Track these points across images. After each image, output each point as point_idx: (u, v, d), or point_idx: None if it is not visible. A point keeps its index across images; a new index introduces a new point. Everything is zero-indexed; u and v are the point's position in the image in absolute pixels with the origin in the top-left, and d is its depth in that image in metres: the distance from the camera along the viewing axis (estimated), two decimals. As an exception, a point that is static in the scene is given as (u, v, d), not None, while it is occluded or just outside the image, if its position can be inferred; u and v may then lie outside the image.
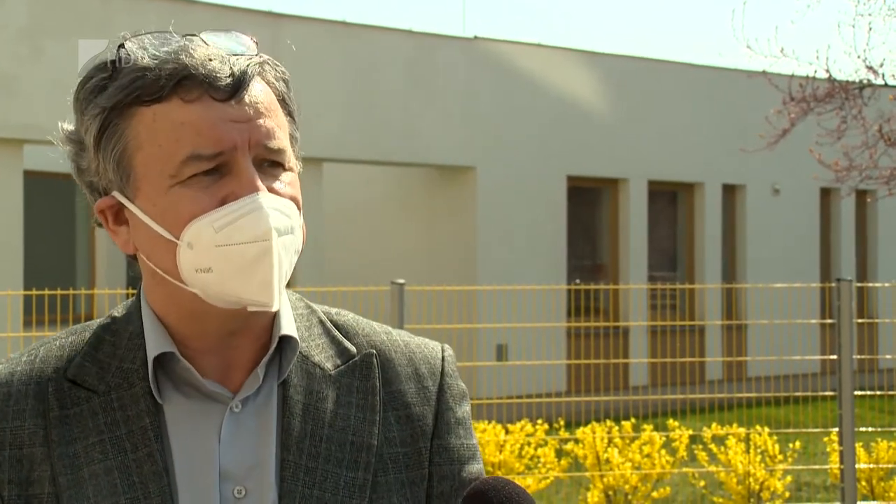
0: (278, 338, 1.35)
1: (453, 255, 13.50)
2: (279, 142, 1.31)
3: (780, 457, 7.23)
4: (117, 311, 1.40)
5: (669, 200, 15.64)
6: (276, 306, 1.29)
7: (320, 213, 12.20)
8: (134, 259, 1.37)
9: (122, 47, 1.30)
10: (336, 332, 1.43)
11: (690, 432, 7.33)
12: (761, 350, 10.13)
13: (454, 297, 10.25)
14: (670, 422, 7.64)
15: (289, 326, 1.37)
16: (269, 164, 1.31)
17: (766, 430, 7.32)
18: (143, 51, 1.28)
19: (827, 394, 8.05)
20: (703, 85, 15.30)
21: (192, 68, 1.26)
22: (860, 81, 10.43)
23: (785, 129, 10.90)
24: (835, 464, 7.06)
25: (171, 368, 1.34)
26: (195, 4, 11.88)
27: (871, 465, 7.19)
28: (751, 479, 7.12)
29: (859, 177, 10.81)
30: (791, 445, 7.41)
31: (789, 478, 7.44)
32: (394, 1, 44.32)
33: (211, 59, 1.27)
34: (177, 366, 1.33)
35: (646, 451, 7.12)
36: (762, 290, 12.18)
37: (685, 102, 15.15)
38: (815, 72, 10.50)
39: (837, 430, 6.84)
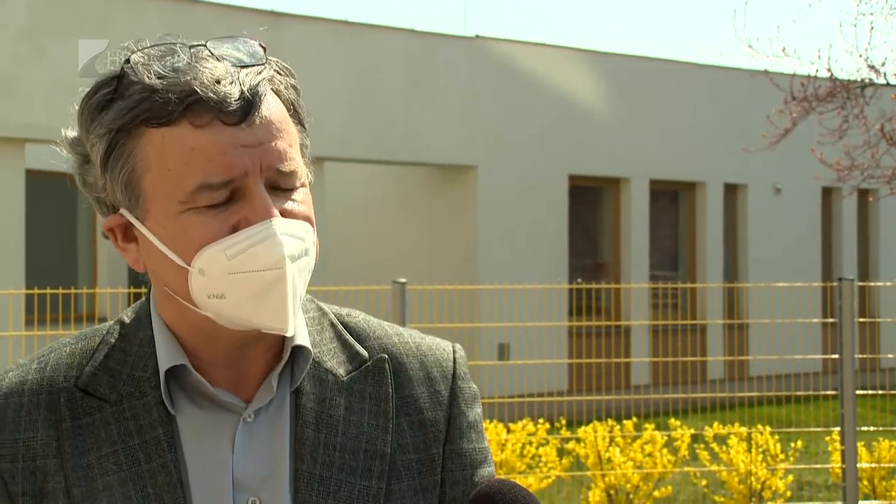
0: (291, 348, 1.34)
1: (455, 255, 13.50)
2: (291, 163, 1.28)
3: (781, 456, 7.23)
4: (127, 315, 1.39)
5: (671, 200, 15.63)
6: (291, 331, 1.28)
7: (323, 212, 12.20)
8: (145, 274, 1.35)
9: (127, 62, 1.26)
10: (348, 336, 1.42)
11: (692, 431, 7.33)
12: (763, 349, 10.12)
13: (456, 296, 10.25)
14: (672, 421, 7.63)
15: (302, 336, 1.35)
16: (282, 184, 1.28)
17: (768, 429, 7.32)
18: (149, 68, 1.25)
19: (828, 393, 8.05)
20: (704, 84, 15.29)
21: (202, 92, 1.23)
22: (862, 81, 10.42)
23: (787, 129, 10.89)
24: (836, 463, 7.06)
25: (182, 378, 1.33)
26: (197, 4, 11.88)
27: (873, 465, 7.18)
28: (752, 479, 7.12)
29: (861, 176, 10.81)
30: (793, 445, 7.41)
31: (791, 477, 7.44)
32: (395, 0, 44.33)
33: (219, 81, 1.24)
34: (189, 377, 1.32)
35: (647, 450, 7.12)
36: (764, 290, 12.18)
37: (687, 102, 15.14)
38: (817, 71, 10.50)
39: (839, 429, 6.84)
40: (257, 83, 1.26)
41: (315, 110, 1.41)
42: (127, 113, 1.26)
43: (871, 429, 8.15)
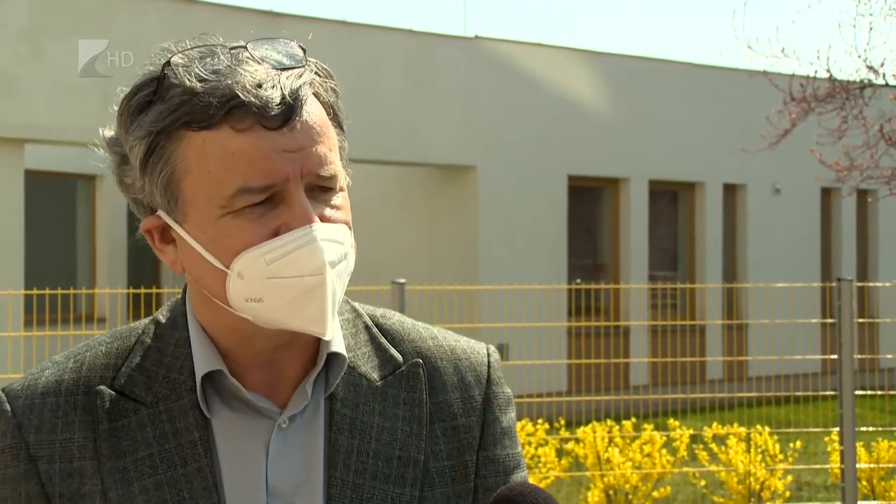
0: (326, 354, 1.34)
1: (454, 255, 13.50)
2: (331, 167, 1.28)
3: (780, 456, 7.23)
4: (162, 314, 1.39)
5: (670, 200, 15.64)
6: (330, 336, 1.28)
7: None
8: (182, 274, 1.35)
9: (168, 65, 1.25)
10: (382, 339, 1.41)
11: (691, 432, 7.33)
12: (762, 350, 10.12)
13: (455, 296, 10.25)
14: (671, 421, 7.63)
15: (337, 342, 1.35)
16: (321, 188, 1.28)
17: (767, 429, 7.32)
18: (190, 71, 1.24)
19: (828, 393, 8.05)
20: (704, 85, 15.30)
21: (243, 97, 1.22)
22: (861, 81, 10.43)
23: (786, 129, 10.90)
24: (835, 463, 7.06)
25: (218, 381, 1.33)
26: (196, 4, 11.88)
27: (872, 465, 7.19)
28: (751, 479, 7.12)
29: (860, 176, 10.81)
30: (792, 445, 7.41)
31: (790, 477, 7.44)
32: (394, 0, 44.33)
33: (261, 85, 1.23)
34: (225, 381, 1.32)
35: (646, 450, 7.12)
36: (763, 290, 12.18)
37: (686, 102, 15.14)
38: (816, 72, 10.50)
39: (838, 429, 6.84)
40: (298, 87, 1.25)
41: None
42: (167, 116, 1.25)
43: (870, 429, 8.15)
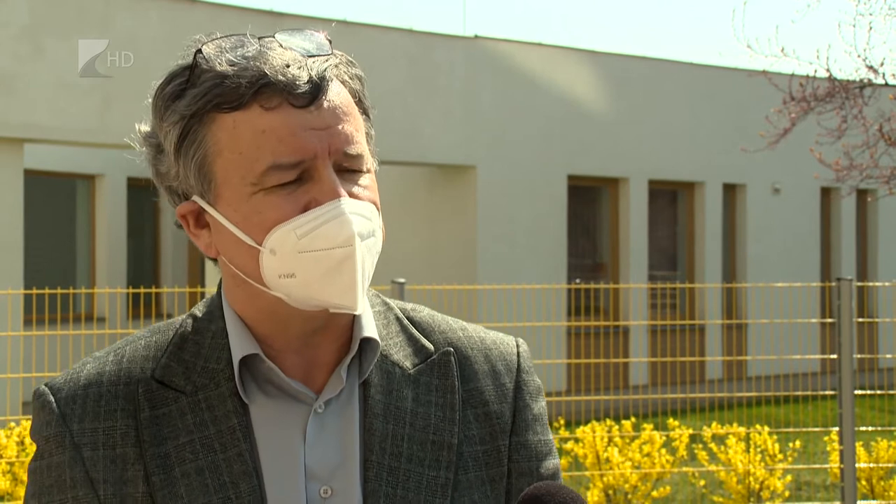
0: (359, 339, 1.37)
1: (453, 254, 13.50)
2: (358, 146, 1.33)
3: (780, 456, 7.23)
4: (198, 310, 1.42)
5: (670, 200, 15.64)
6: (360, 310, 1.31)
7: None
8: (215, 262, 1.39)
9: (199, 52, 1.30)
10: (413, 330, 1.45)
11: (690, 431, 7.34)
12: (761, 349, 10.13)
13: (454, 296, 10.25)
14: (670, 421, 7.64)
15: (369, 327, 1.39)
16: (348, 168, 1.33)
17: (766, 429, 7.32)
18: (221, 56, 1.29)
19: (827, 393, 8.06)
20: (703, 84, 15.30)
21: (271, 76, 1.27)
22: (860, 81, 10.42)
23: (785, 129, 10.89)
24: (835, 463, 7.06)
25: (255, 369, 1.36)
26: (196, 4, 11.88)
27: (871, 465, 7.19)
28: (751, 479, 7.12)
29: (860, 176, 10.80)
30: (791, 445, 7.41)
31: (789, 477, 7.44)
32: (394, 0, 44.33)
33: (289, 66, 1.28)
34: (261, 366, 1.35)
35: (646, 450, 7.12)
36: (762, 290, 12.18)
37: (686, 102, 15.14)
38: (816, 71, 10.49)
39: (837, 429, 6.84)
40: (324, 69, 1.31)
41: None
42: (199, 99, 1.29)
43: (870, 429, 8.16)
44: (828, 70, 10.39)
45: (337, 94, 1.32)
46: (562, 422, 8.31)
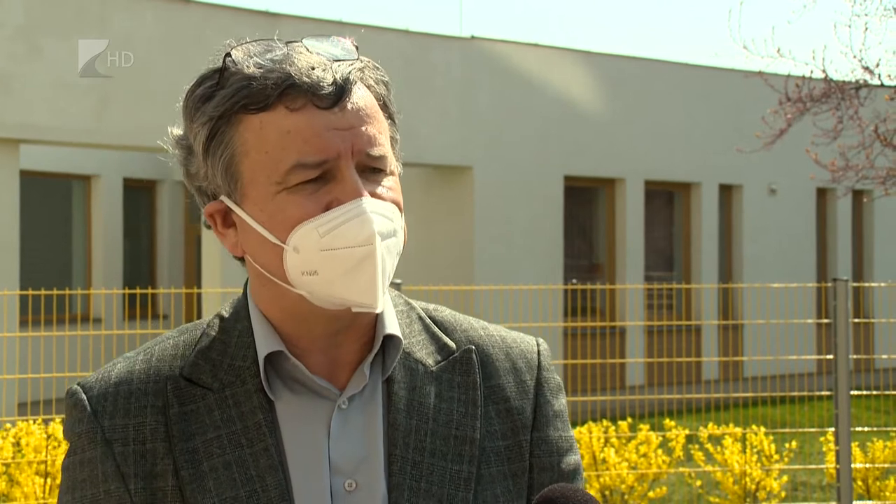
0: (382, 337, 1.41)
1: (450, 255, 13.50)
2: (381, 148, 1.37)
3: (776, 456, 7.23)
4: (225, 310, 1.46)
5: (666, 200, 15.65)
6: (380, 308, 1.34)
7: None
8: (241, 261, 1.42)
9: (228, 56, 1.34)
10: (435, 329, 1.48)
11: (687, 432, 7.33)
12: (758, 350, 10.13)
13: (451, 296, 10.25)
14: (667, 421, 7.63)
15: (392, 325, 1.42)
16: (371, 169, 1.36)
17: (763, 429, 7.32)
18: (249, 59, 1.33)
19: (823, 393, 8.06)
20: (699, 85, 15.31)
21: (297, 77, 1.31)
22: (856, 81, 10.42)
23: (781, 129, 10.89)
24: (831, 463, 7.06)
25: (280, 366, 1.39)
26: (192, 4, 11.87)
27: (867, 465, 7.19)
28: (747, 479, 7.12)
29: (856, 177, 10.80)
30: (787, 445, 7.41)
31: (785, 477, 7.44)
32: (390, 0, 44.33)
33: (314, 68, 1.32)
34: (286, 363, 1.39)
35: (642, 450, 7.12)
36: (759, 290, 12.19)
37: (682, 102, 15.16)
38: (812, 72, 10.49)
39: (833, 429, 6.84)
40: (349, 72, 1.35)
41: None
42: (227, 100, 1.33)
43: (866, 429, 8.17)
44: (824, 71, 10.39)
45: (361, 97, 1.36)
46: (558, 422, 8.29)
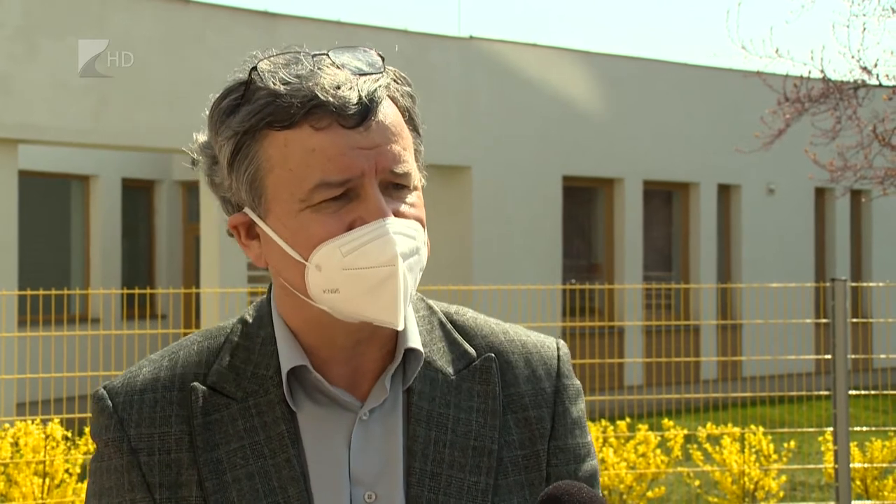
0: (403, 350, 1.41)
1: (449, 255, 13.50)
2: (405, 165, 1.36)
3: (774, 456, 7.23)
4: (248, 314, 1.46)
5: (665, 200, 15.65)
6: (401, 326, 1.34)
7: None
8: (266, 271, 1.42)
9: (254, 70, 1.33)
10: (456, 335, 1.48)
11: (685, 432, 7.33)
12: (756, 350, 10.13)
13: (449, 296, 10.25)
14: (665, 421, 7.64)
15: (413, 338, 1.42)
16: (395, 186, 1.35)
17: (761, 429, 7.33)
18: (274, 75, 1.32)
19: (821, 393, 8.06)
20: (698, 85, 15.31)
21: (322, 97, 1.30)
22: (855, 82, 10.42)
23: (780, 130, 10.89)
24: (829, 463, 7.07)
25: (302, 376, 1.40)
26: (191, 4, 11.87)
27: (866, 465, 7.20)
28: (746, 479, 7.13)
29: (854, 177, 10.81)
30: (786, 445, 7.42)
31: (784, 477, 7.45)
32: (389, 1, 44.34)
33: (339, 87, 1.31)
34: (308, 375, 1.39)
35: (641, 450, 7.13)
36: (757, 290, 12.19)
37: (680, 102, 15.16)
38: (810, 72, 10.49)
39: (832, 429, 6.84)
40: (374, 89, 1.34)
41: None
42: (253, 116, 1.33)
43: (864, 429, 8.17)
44: (822, 71, 10.39)
45: (386, 114, 1.35)
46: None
